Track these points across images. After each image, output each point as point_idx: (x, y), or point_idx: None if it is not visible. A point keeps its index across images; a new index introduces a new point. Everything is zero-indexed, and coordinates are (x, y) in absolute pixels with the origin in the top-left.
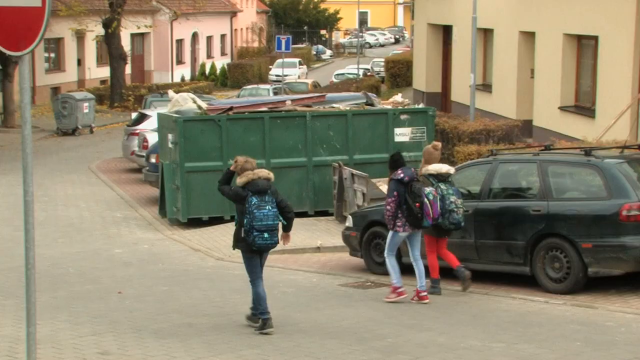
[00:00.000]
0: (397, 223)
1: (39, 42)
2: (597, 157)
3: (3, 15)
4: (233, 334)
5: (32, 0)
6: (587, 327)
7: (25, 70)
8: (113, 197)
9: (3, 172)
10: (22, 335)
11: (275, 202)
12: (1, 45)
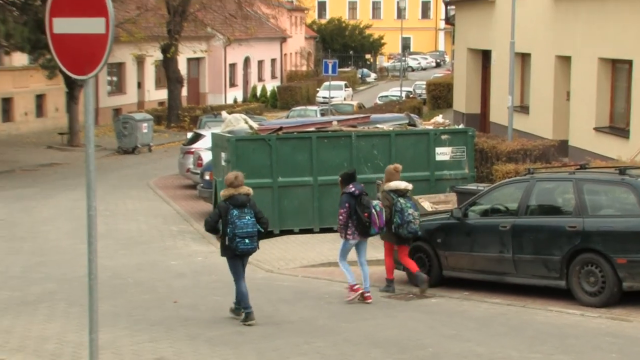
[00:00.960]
0: (347, 232)
1: (102, 66)
2: (631, 176)
3: (69, 42)
4: (282, 343)
5: (97, 27)
6: (622, 340)
7: (90, 92)
8: (169, 211)
9: (69, 187)
10: (85, 341)
11: (254, 212)
12: (68, 69)
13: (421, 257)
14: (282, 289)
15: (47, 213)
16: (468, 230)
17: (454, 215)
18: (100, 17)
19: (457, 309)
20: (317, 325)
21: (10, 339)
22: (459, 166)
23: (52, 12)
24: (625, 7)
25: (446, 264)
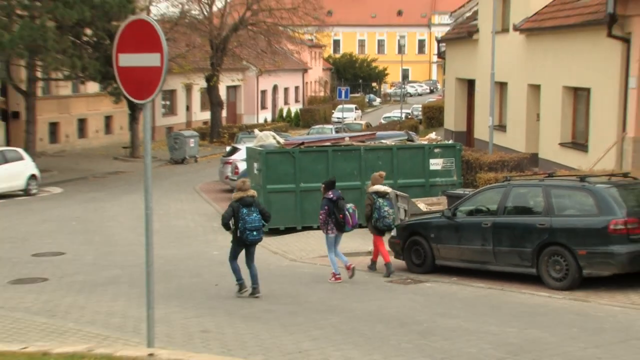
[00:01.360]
0: (328, 228)
1: (157, 93)
2: (589, 183)
3: (132, 73)
4: (303, 319)
5: (153, 61)
6: (582, 317)
7: (148, 114)
8: (211, 211)
9: (131, 191)
10: (144, 316)
11: (259, 210)
12: (130, 95)
13: (418, 249)
14: (303, 275)
15: (113, 212)
16: (456, 227)
17: (445, 215)
18: (156, 52)
19: (447, 292)
20: (332, 304)
21: (85, 313)
22: (449, 174)
23: (118, 49)
24: (584, 45)
25: (438, 255)
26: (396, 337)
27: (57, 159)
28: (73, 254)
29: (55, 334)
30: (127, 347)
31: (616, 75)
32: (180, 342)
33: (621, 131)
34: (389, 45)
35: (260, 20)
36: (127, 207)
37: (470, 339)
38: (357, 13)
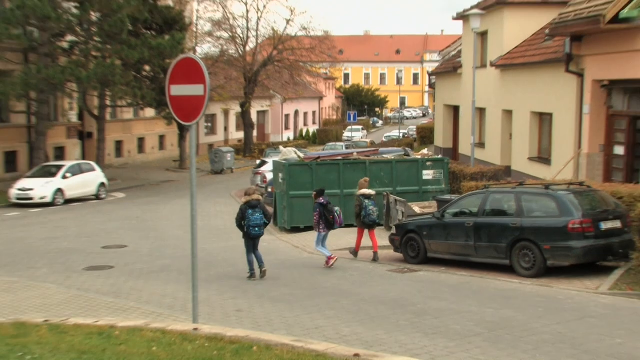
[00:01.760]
0: (320, 227)
1: (201, 117)
2: (552, 190)
3: (181, 101)
4: (319, 301)
5: (198, 91)
6: (546, 299)
7: (193, 134)
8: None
9: (179, 196)
10: (190, 297)
11: (262, 211)
12: (179, 119)
13: (413, 244)
14: (319, 265)
15: (165, 213)
16: (444, 226)
17: (435, 216)
18: (201, 84)
19: (437, 279)
20: (343, 289)
21: (143, 295)
22: (438, 183)
23: (170, 81)
24: (547, 78)
25: (429, 249)
26: (395, 316)
27: (121, 170)
28: (133, 246)
29: (119, 311)
30: (177, 322)
31: (573, 103)
32: (219, 319)
33: (577, 148)
34: (389, 77)
35: (285, 57)
36: (176, 209)
37: (456, 317)
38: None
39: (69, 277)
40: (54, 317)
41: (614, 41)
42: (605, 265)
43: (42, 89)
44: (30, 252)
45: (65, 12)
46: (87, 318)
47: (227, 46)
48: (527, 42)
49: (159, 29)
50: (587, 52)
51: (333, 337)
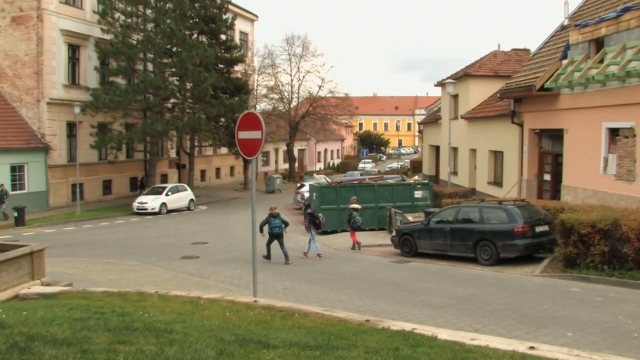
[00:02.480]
0: (311, 229)
1: (259, 153)
2: (503, 204)
3: (245, 142)
4: (342, 283)
5: (257, 135)
6: (499, 280)
7: (254, 165)
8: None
9: (244, 209)
10: (251, 279)
11: (280, 220)
12: (244, 155)
13: (407, 242)
14: (341, 258)
15: (234, 220)
16: (430, 230)
17: (423, 223)
18: (259, 130)
19: (423, 267)
20: (358, 275)
21: (219, 276)
22: (425, 200)
23: (238, 128)
24: (499, 127)
25: (419, 246)
26: (394, 294)
27: (204, 190)
28: (212, 243)
29: (203, 287)
30: (242, 296)
31: (516, 144)
32: (271, 294)
33: (520, 175)
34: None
35: (317, 112)
36: (241, 218)
37: (437, 294)
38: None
39: (170, 263)
40: (161, 289)
41: (542, 102)
42: (538, 257)
43: (154, 135)
44: (145, 245)
45: (170, 83)
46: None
47: (277, 104)
48: (485, 102)
49: (231, 93)
50: (525, 109)
51: (351, 308)
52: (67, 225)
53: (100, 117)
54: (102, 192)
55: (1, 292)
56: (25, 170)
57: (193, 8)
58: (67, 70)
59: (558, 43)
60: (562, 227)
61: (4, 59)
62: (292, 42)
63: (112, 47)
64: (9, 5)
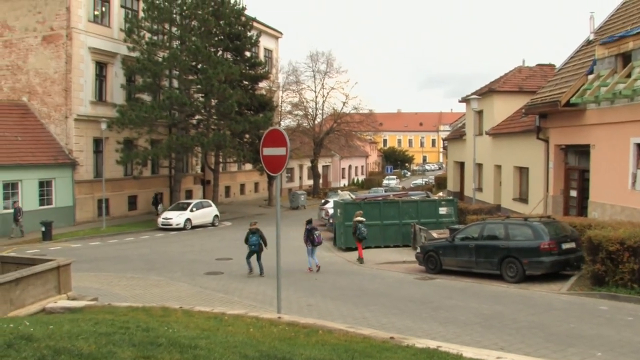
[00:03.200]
0: (307, 244)
1: (283, 170)
2: (529, 221)
3: (270, 159)
4: (365, 299)
5: (281, 152)
6: (525, 298)
7: (278, 181)
8: None
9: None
10: (275, 295)
11: (259, 236)
12: (269, 171)
13: (432, 259)
14: (365, 274)
15: None
16: (454, 247)
17: (448, 240)
18: (283, 147)
19: (448, 284)
20: (381, 291)
21: (243, 292)
22: (450, 216)
23: (263, 145)
24: (524, 143)
25: (444, 263)
26: (419, 311)
27: (229, 206)
28: (236, 259)
29: (227, 303)
30: (266, 312)
31: (542, 160)
32: (295, 311)
33: (545, 192)
34: (415, 142)
35: (342, 128)
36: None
37: (462, 312)
38: (396, 124)
39: (194, 279)
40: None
41: (568, 118)
42: (564, 274)
43: (179, 151)
44: (170, 261)
45: (195, 100)
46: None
47: (302, 120)
48: (510, 118)
49: (256, 109)
50: (550, 125)
51: (375, 325)
52: (93, 240)
53: (126, 133)
54: (128, 208)
55: (29, 305)
56: (52, 186)
57: (218, 25)
58: (94, 87)
59: (584, 58)
60: (590, 244)
61: (35, 76)
62: (317, 58)
63: (138, 64)
64: (40, 25)
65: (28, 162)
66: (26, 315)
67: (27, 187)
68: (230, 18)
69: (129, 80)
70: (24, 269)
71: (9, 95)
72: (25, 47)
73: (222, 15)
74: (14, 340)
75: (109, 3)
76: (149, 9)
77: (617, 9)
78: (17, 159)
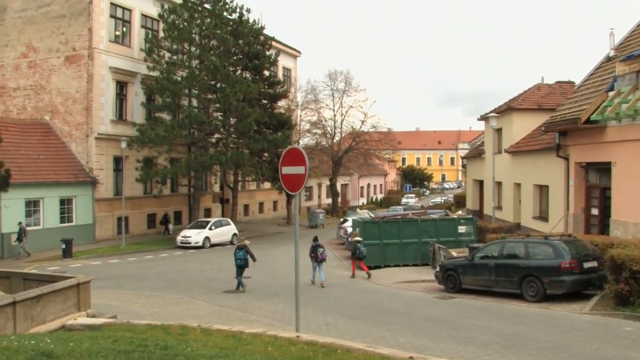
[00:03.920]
0: (312, 261)
1: (302, 188)
2: (550, 240)
3: (289, 177)
4: (384, 318)
5: (300, 170)
6: (546, 318)
7: (297, 199)
8: (331, 255)
9: (287, 244)
10: (293, 314)
11: (246, 252)
12: (288, 190)
13: (451, 278)
14: (384, 293)
15: (277, 254)
16: (474, 266)
17: (467, 259)
18: (302, 166)
19: (468, 303)
20: (400, 311)
21: (261, 311)
22: (469, 235)
23: (281, 164)
24: (544, 160)
25: (463, 282)
26: (438, 330)
27: (247, 225)
28: (255, 277)
29: (246, 321)
30: (284, 331)
31: (562, 178)
32: (313, 330)
33: (566, 210)
34: (434, 160)
35: (360, 147)
36: (284, 252)
37: (481, 331)
38: (415, 142)
39: (213, 297)
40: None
41: (588, 135)
42: (586, 293)
43: (197, 169)
44: (189, 279)
45: (214, 119)
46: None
47: (320, 139)
48: (529, 136)
49: (274, 128)
50: (570, 142)
51: (394, 344)
52: (112, 258)
53: (145, 152)
54: (147, 226)
55: (49, 322)
56: (73, 204)
57: (237, 45)
58: (114, 106)
59: (603, 75)
60: (612, 263)
61: (57, 96)
62: (335, 77)
63: (158, 83)
64: (63, 45)
65: (50, 180)
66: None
67: (49, 205)
68: (249, 37)
69: (148, 99)
70: (44, 286)
71: (33, 114)
72: (48, 68)
73: (240, 34)
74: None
75: (130, 23)
76: (168, 29)
77: (638, 25)
78: (40, 177)
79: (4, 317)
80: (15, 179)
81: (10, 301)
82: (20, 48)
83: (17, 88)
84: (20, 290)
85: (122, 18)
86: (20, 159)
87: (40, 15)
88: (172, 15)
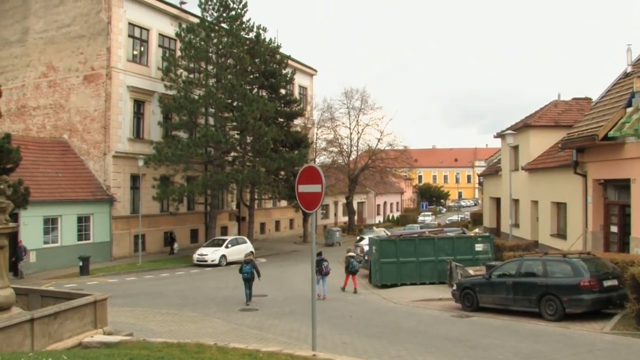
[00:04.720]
0: (317, 275)
1: (319, 207)
2: (568, 257)
3: (305, 195)
4: (401, 337)
5: (317, 189)
6: (565, 337)
7: (314, 218)
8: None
9: (303, 261)
10: (310, 332)
11: (252, 266)
12: (304, 208)
13: (469, 296)
14: (400, 312)
15: (293, 272)
16: (491, 284)
17: (485, 277)
18: (319, 184)
19: (485, 322)
20: (418, 329)
21: (277, 329)
22: (487, 253)
23: (298, 182)
24: (561, 178)
25: (481, 300)
26: (456, 349)
27: (264, 242)
28: (272, 295)
29: (262, 340)
30: (301, 350)
31: (580, 195)
32: (330, 348)
33: (584, 227)
34: (450, 178)
35: (376, 165)
36: (300, 270)
37: (499, 350)
38: (431, 160)
39: (229, 315)
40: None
41: (606, 152)
42: (607, 312)
43: (214, 188)
44: (205, 297)
45: (230, 137)
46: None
47: (337, 157)
48: (546, 153)
49: (291, 146)
50: (588, 159)
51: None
52: (129, 276)
53: (162, 170)
54: (164, 244)
55: (66, 339)
56: (90, 221)
57: (253, 63)
58: (132, 125)
59: (621, 91)
60: (633, 281)
61: (76, 114)
62: (351, 95)
63: (175, 102)
64: (82, 65)
65: (68, 197)
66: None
67: (67, 222)
68: (265, 56)
69: (165, 118)
70: (62, 303)
71: (52, 132)
72: (67, 87)
73: (257, 53)
74: None
75: (148, 43)
76: (185, 48)
77: None
78: (58, 194)
79: (22, 334)
80: (34, 196)
81: (28, 318)
82: (40, 68)
83: (37, 107)
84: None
85: (139, 38)
86: (39, 176)
87: (61, 36)
88: (189, 34)
